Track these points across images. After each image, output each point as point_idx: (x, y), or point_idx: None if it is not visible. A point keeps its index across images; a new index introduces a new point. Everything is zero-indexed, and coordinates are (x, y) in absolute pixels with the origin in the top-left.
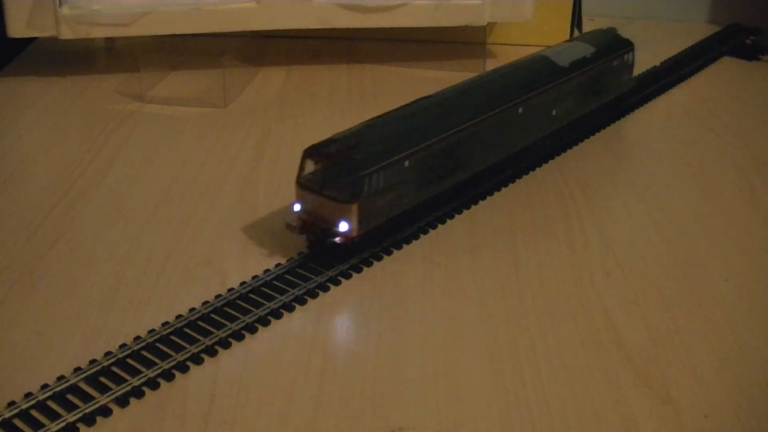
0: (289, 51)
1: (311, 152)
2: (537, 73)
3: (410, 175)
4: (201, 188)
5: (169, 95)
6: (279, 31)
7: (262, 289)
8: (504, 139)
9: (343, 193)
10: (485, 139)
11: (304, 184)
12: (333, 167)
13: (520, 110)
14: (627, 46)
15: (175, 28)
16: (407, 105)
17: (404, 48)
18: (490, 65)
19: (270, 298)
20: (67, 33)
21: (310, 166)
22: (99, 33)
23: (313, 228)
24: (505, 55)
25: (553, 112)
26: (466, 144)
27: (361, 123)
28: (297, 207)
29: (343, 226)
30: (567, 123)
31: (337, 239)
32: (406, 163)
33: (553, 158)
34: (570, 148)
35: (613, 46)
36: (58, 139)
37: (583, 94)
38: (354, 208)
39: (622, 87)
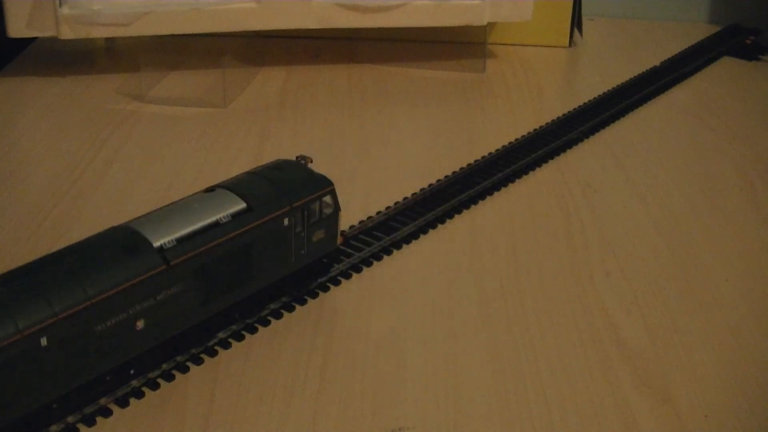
0: (289, 51)
1: None
2: (100, 266)
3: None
4: (201, 188)
5: (169, 95)
6: (279, 31)
7: None
8: None
9: None
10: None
11: None
12: None
13: (44, 341)
14: (317, 189)
15: (175, 28)
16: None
17: (404, 48)
18: (490, 65)
19: (270, 298)
20: (67, 33)
21: None
22: (99, 33)
23: None
24: (504, 55)
25: (139, 326)
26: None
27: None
28: None
29: None
30: (178, 333)
31: None
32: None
33: (552, 158)
34: (569, 148)
35: (288, 193)
36: (58, 139)
37: (210, 288)
38: None
39: (309, 258)
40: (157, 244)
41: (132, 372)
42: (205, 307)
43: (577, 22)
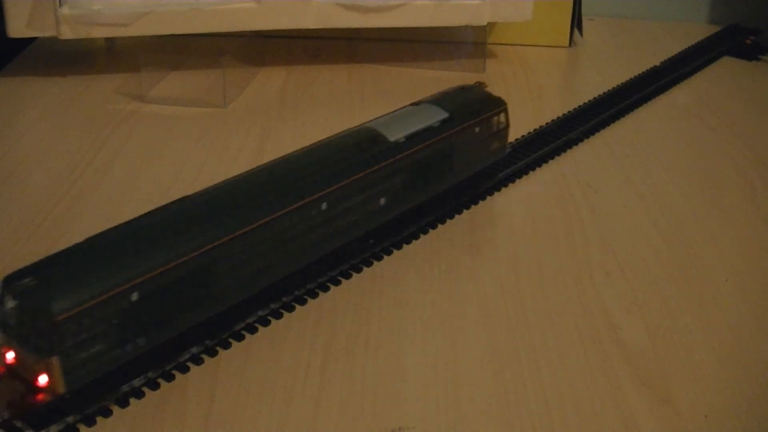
0: (289, 51)
1: (9, 282)
2: (354, 153)
3: (142, 312)
4: (201, 188)
5: (169, 95)
6: (279, 31)
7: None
8: (296, 246)
9: (39, 342)
10: (265, 249)
11: (2, 325)
12: (28, 307)
13: (324, 206)
14: (496, 106)
15: (175, 28)
16: (155, 210)
17: (404, 48)
18: (490, 65)
19: (270, 299)
20: (67, 33)
21: (9, 302)
22: (99, 33)
23: (20, 378)
24: (504, 55)
25: (381, 202)
26: (233, 261)
27: (87, 238)
28: (3, 351)
29: (45, 382)
30: (409, 209)
31: (41, 397)
32: (134, 295)
33: (552, 158)
34: (570, 148)
35: (475, 108)
36: (58, 139)
37: (426, 175)
38: (54, 361)
39: (488, 158)
40: (392, 139)
41: (372, 241)
42: (417, 194)
43: (577, 22)
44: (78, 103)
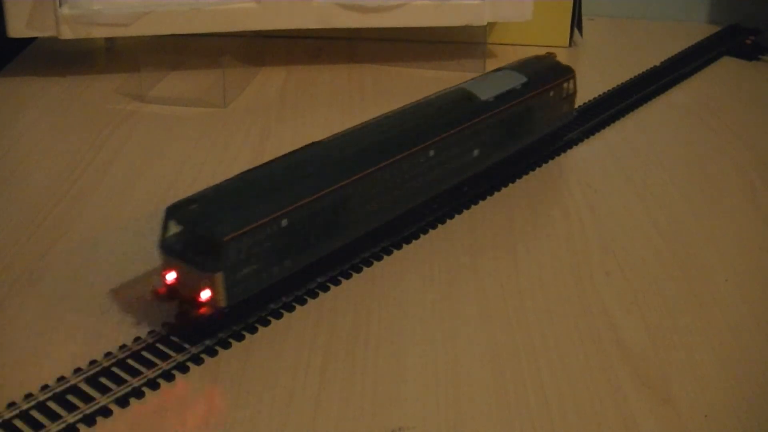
0: (289, 51)
1: (173, 211)
2: (453, 109)
3: (291, 236)
4: (201, 188)
5: (169, 95)
6: (279, 31)
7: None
8: (410, 187)
9: (206, 260)
10: (386, 188)
11: (166, 248)
12: (195, 230)
13: (432, 153)
14: (566, 74)
15: (175, 28)
16: (293, 152)
17: (404, 48)
18: (490, 65)
19: (271, 298)
20: (67, 33)
21: (173, 228)
22: (99, 33)
23: (179, 296)
24: (504, 55)
25: (475, 153)
26: (362, 196)
27: (238, 174)
28: (163, 273)
29: (208, 297)
30: (494, 163)
31: (203, 311)
32: (284, 222)
33: (552, 158)
34: (570, 148)
35: (549, 74)
36: (58, 139)
37: (511, 131)
38: (218, 277)
39: (559, 120)
40: (483, 98)
41: (465, 189)
42: (503, 148)
43: (577, 22)
44: (78, 103)
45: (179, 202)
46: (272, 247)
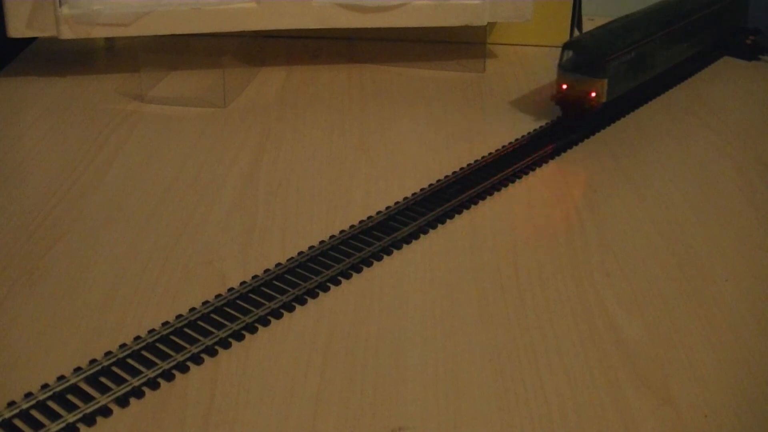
0: (289, 51)
1: (569, 45)
2: (693, 5)
3: (634, 64)
4: (201, 188)
5: (169, 95)
6: (279, 31)
7: (262, 288)
8: (678, 48)
9: (596, 72)
10: (676, 42)
11: (565, 67)
12: (587, 54)
13: (689, 28)
14: None
15: (175, 28)
16: (644, 9)
17: (404, 48)
18: (490, 65)
19: (270, 298)
20: (67, 33)
21: (567, 55)
22: (99, 33)
23: (570, 99)
24: (504, 55)
25: (698, 37)
26: (665, 45)
27: (609, 22)
28: (560, 85)
29: (594, 95)
30: (697, 51)
31: (591, 105)
32: (632, 53)
33: (553, 158)
34: (570, 148)
35: None
36: (58, 139)
37: (714, 25)
38: (604, 82)
39: (738, 21)
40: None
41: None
42: (705, 39)
43: (577, 22)
44: (78, 103)
45: (573, 39)
46: (627, 67)
